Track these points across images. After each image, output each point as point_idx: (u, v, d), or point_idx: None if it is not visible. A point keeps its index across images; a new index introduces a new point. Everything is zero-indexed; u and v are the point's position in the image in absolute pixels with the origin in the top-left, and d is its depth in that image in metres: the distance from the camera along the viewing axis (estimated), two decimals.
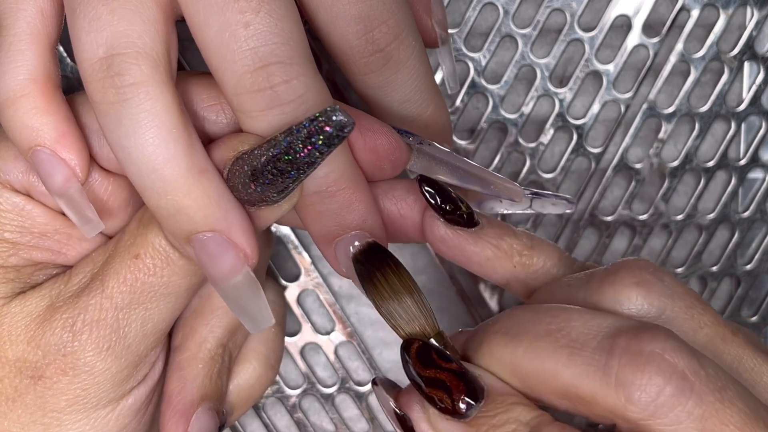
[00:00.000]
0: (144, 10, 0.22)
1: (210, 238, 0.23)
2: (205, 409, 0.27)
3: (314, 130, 0.21)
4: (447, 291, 0.38)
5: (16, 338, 0.25)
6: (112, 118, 0.22)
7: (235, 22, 0.22)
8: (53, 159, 0.24)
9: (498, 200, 0.26)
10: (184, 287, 0.25)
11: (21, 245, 0.26)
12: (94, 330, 0.25)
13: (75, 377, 0.25)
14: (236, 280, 0.23)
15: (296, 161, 0.21)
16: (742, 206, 0.39)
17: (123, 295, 0.24)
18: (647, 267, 0.24)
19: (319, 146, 0.21)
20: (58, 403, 0.25)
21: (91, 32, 0.22)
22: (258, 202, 0.23)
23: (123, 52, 0.22)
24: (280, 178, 0.22)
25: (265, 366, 0.31)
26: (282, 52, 0.22)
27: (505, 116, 0.37)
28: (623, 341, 0.21)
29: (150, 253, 0.24)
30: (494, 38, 0.36)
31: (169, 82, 0.22)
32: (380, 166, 0.25)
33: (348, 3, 0.24)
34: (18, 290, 0.26)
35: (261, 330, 0.24)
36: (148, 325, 0.25)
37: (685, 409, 0.20)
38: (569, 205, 0.26)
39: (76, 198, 0.24)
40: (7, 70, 0.24)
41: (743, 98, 0.38)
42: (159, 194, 0.22)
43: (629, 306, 0.23)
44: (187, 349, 0.28)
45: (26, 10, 0.24)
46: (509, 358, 0.22)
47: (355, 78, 0.26)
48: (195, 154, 0.22)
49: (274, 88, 0.22)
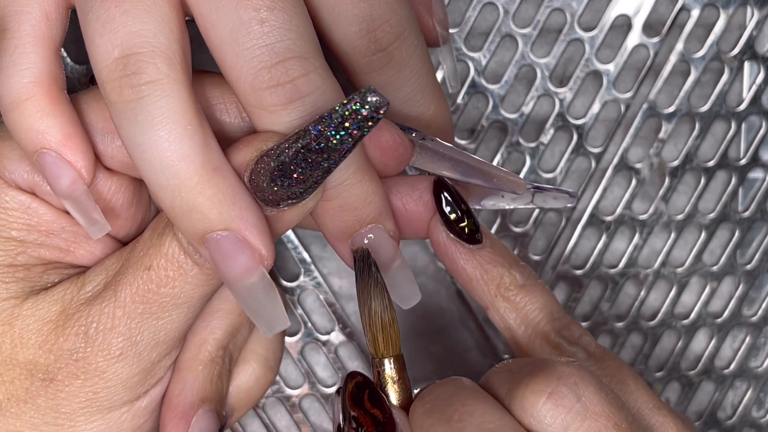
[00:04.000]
0: (157, 9, 0.22)
1: (224, 237, 0.22)
2: (205, 411, 0.27)
3: (348, 114, 0.20)
4: (447, 291, 0.38)
5: (27, 341, 0.25)
6: (128, 116, 0.22)
7: (250, 19, 0.22)
8: (59, 162, 0.24)
9: (500, 195, 0.26)
10: (197, 297, 0.25)
11: (28, 243, 0.26)
12: (106, 337, 0.25)
13: (86, 381, 0.25)
14: (251, 281, 0.23)
15: (328, 149, 0.21)
16: (742, 206, 0.39)
17: (135, 305, 0.25)
18: (570, 377, 0.22)
19: (352, 131, 0.21)
20: (70, 405, 0.25)
21: (105, 34, 0.22)
22: (283, 200, 0.23)
23: (138, 51, 0.22)
24: (309, 170, 0.22)
25: (265, 368, 0.31)
26: (297, 47, 0.22)
27: (505, 116, 0.37)
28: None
29: (162, 264, 0.24)
30: (494, 38, 0.36)
31: (185, 80, 0.22)
32: (385, 163, 0.25)
33: (351, 3, 0.24)
34: (29, 290, 0.26)
35: (275, 333, 0.24)
36: (160, 334, 0.25)
37: None
38: (571, 199, 0.26)
39: (82, 200, 0.24)
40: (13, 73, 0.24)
41: (743, 98, 0.38)
42: (173, 192, 0.22)
43: (532, 414, 0.22)
44: (188, 350, 0.28)
45: (31, 13, 0.24)
46: (426, 429, 0.23)
47: (357, 77, 0.26)
48: (210, 152, 0.22)
49: (294, 81, 0.22)
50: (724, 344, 0.40)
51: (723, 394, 0.41)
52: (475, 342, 0.39)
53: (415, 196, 0.26)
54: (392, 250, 0.25)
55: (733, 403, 0.41)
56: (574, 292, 0.39)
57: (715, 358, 0.40)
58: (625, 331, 0.39)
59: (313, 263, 0.37)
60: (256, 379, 0.30)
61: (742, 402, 0.41)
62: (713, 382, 0.41)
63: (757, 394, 0.41)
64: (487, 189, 0.26)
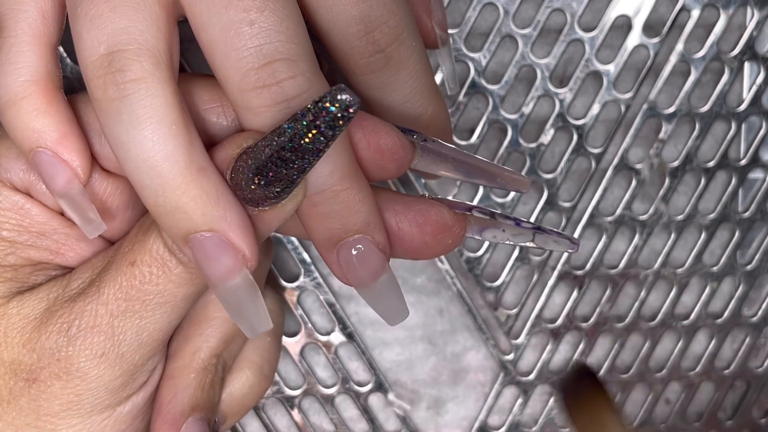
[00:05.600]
0: (146, 7, 0.22)
1: (208, 238, 0.22)
2: (195, 419, 0.27)
3: (318, 113, 0.20)
4: (447, 291, 0.38)
5: (11, 340, 0.25)
6: (112, 114, 0.22)
7: (240, 20, 0.22)
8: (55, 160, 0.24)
9: (501, 230, 0.26)
10: (180, 296, 0.25)
11: (19, 244, 0.26)
12: (88, 336, 0.24)
13: (68, 382, 0.25)
14: (234, 282, 0.23)
15: (301, 148, 0.21)
16: (742, 206, 0.39)
17: (118, 302, 0.24)
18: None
19: (323, 129, 0.20)
20: (51, 407, 0.25)
21: (92, 30, 0.22)
22: (262, 200, 0.23)
23: (124, 48, 0.22)
24: (284, 169, 0.22)
25: (259, 376, 0.31)
26: (286, 50, 0.22)
27: (505, 116, 0.37)
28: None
29: (147, 261, 0.24)
30: (494, 38, 0.36)
31: (171, 80, 0.22)
32: (384, 166, 0.25)
33: (349, 3, 0.24)
34: (16, 290, 0.26)
35: (258, 334, 0.24)
36: (143, 334, 0.25)
37: None
38: (572, 246, 0.26)
39: (77, 199, 0.24)
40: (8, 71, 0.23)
41: (743, 98, 0.38)
42: (157, 192, 0.22)
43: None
44: (180, 357, 0.28)
45: (27, 11, 0.24)
46: None
47: (355, 78, 0.26)
48: (194, 152, 0.22)
49: (280, 83, 0.22)
50: (724, 345, 0.40)
51: (723, 394, 0.41)
52: (474, 342, 0.39)
53: (410, 217, 0.25)
54: (379, 263, 0.24)
55: (733, 403, 0.41)
56: (575, 292, 0.39)
57: (715, 358, 0.40)
58: (625, 331, 0.39)
59: (313, 263, 0.37)
60: (250, 387, 0.30)
61: (742, 402, 0.41)
62: (713, 382, 0.41)
63: (757, 394, 0.41)
64: (488, 221, 0.26)
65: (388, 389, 0.39)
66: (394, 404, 0.39)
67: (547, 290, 0.39)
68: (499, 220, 0.26)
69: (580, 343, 0.39)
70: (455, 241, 0.25)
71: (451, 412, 0.40)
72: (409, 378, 0.39)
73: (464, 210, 0.26)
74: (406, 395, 0.39)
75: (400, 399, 0.39)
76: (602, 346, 0.39)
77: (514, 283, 0.39)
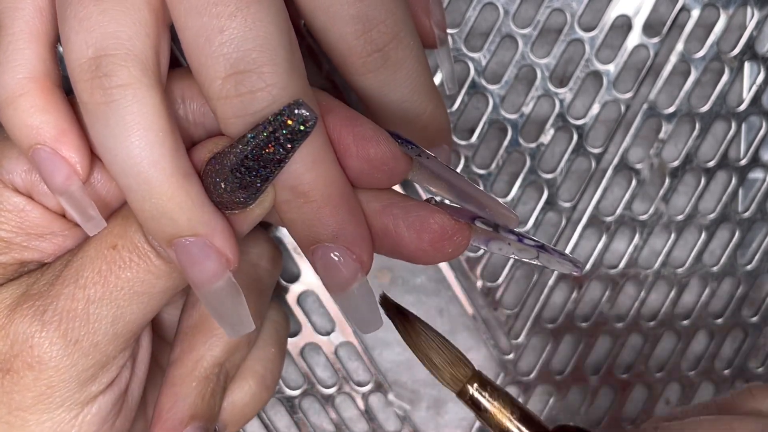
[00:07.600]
0: (135, 12, 0.22)
1: (192, 242, 0.23)
2: (194, 427, 0.27)
3: (278, 125, 0.21)
4: (446, 291, 0.38)
5: None
6: (98, 118, 0.22)
7: (211, 27, 0.21)
8: (54, 157, 0.24)
9: (507, 243, 0.25)
10: (158, 288, 0.25)
11: (14, 245, 0.26)
12: (63, 321, 0.24)
13: (41, 372, 0.24)
14: (218, 285, 0.23)
15: (262, 158, 0.22)
16: (742, 206, 0.39)
17: (96, 287, 0.24)
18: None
19: (282, 141, 0.21)
20: (23, 401, 0.25)
21: (81, 32, 0.22)
22: (229, 204, 0.23)
23: (112, 53, 0.22)
24: (248, 177, 0.22)
25: (261, 386, 0.30)
26: (253, 59, 0.22)
27: (505, 116, 0.37)
28: None
29: (128, 246, 0.24)
30: (494, 38, 0.36)
31: (158, 86, 0.22)
32: (373, 175, 0.24)
33: (346, 3, 0.24)
34: None
35: (239, 336, 0.24)
36: (118, 324, 0.25)
37: None
38: (575, 268, 0.26)
39: (77, 196, 0.24)
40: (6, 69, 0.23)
41: (743, 98, 0.38)
42: (143, 197, 0.22)
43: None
44: (183, 365, 0.28)
45: (24, 9, 0.24)
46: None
47: (353, 78, 0.26)
48: (180, 159, 0.22)
49: (242, 96, 0.22)
50: (724, 345, 0.40)
51: (723, 394, 0.41)
52: (474, 342, 0.39)
53: (408, 222, 0.24)
54: (351, 271, 0.24)
55: None
56: (575, 292, 0.39)
57: (715, 358, 0.40)
58: (625, 331, 0.39)
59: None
60: (252, 397, 0.30)
61: None
62: (713, 382, 0.41)
63: None
64: (494, 233, 0.26)
65: (388, 389, 0.39)
66: (394, 404, 0.39)
67: (546, 290, 0.39)
68: (502, 234, 0.25)
69: (580, 343, 0.39)
70: (456, 250, 0.25)
71: (451, 412, 0.40)
72: (409, 378, 0.39)
73: (468, 219, 0.25)
74: (406, 395, 0.39)
75: (400, 399, 0.39)
76: (602, 346, 0.39)
77: (514, 283, 0.39)
